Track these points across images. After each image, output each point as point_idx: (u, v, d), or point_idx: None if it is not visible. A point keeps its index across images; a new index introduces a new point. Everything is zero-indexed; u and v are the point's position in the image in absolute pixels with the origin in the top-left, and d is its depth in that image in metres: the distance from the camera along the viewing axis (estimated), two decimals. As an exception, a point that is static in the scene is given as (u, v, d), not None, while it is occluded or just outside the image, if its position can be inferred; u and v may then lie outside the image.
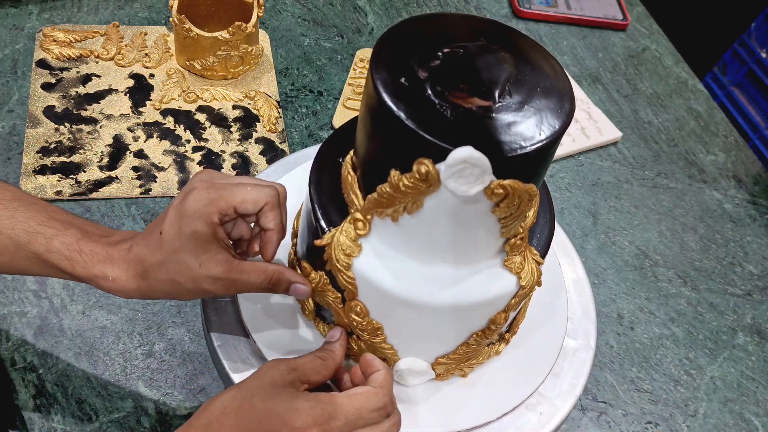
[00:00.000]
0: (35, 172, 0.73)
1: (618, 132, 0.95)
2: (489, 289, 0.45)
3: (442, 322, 0.46)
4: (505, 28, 0.45)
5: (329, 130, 0.86)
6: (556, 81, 0.43)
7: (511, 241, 0.45)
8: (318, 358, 0.45)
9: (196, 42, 0.82)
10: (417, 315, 0.45)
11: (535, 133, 0.39)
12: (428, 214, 0.41)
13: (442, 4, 1.09)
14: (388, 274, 0.44)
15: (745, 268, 0.85)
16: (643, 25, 1.16)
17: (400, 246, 0.44)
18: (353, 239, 0.44)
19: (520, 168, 0.40)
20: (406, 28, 0.44)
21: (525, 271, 0.46)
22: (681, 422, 0.69)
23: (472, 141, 0.38)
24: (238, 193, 0.47)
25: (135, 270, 0.46)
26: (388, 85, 0.40)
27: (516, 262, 0.45)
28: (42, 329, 0.63)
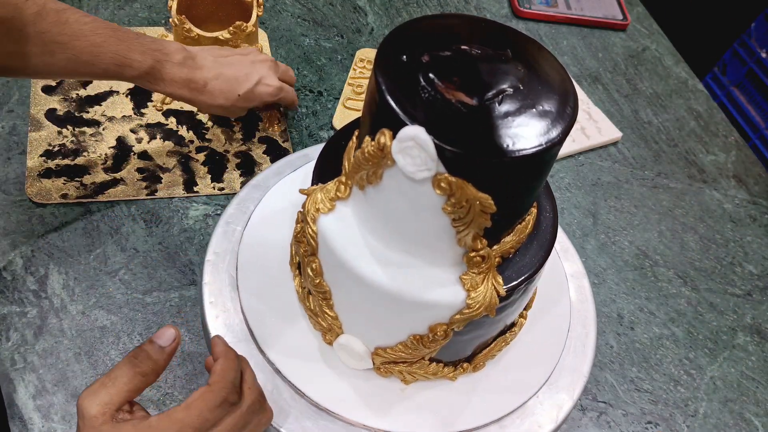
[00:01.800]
0: (40, 175, 0.73)
1: (618, 132, 0.96)
2: (431, 291, 0.44)
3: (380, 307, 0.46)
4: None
5: (329, 130, 0.86)
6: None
7: (470, 255, 0.44)
8: (138, 375, 0.42)
9: (197, 42, 0.82)
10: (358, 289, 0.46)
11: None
12: (386, 189, 0.42)
13: (442, 4, 1.09)
14: (344, 239, 0.45)
15: (745, 268, 0.85)
16: (643, 25, 1.16)
17: (365, 219, 0.45)
18: (330, 198, 0.46)
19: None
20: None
21: (477, 292, 0.44)
22: (681, 422, 0.69)
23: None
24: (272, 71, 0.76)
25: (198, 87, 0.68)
26: (388, 63, 0.41)
27: (472, 280, 0.44)
28: (42, 329, 0.63)
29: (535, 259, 0.47)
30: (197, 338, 0.65)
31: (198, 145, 0.79)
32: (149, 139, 0.79)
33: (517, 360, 0.55)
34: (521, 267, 0.47)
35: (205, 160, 0.78)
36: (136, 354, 0.42)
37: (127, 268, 0.69)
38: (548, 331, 0.57)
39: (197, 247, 0.71)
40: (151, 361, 0.42)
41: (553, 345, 0.56)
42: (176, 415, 0.40)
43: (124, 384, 0.41)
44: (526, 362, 0.55)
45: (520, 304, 0.50)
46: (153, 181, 0.75)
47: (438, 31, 0.44)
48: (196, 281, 0.69)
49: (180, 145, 0.79)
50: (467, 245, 0.43)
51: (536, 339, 0.56)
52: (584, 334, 0.58)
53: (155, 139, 0.79)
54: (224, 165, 0.78)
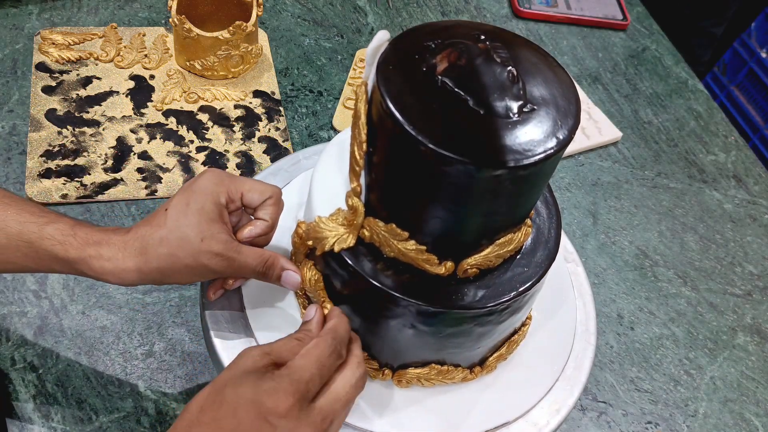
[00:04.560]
0: (40, 176, 0.73)
1: (618, 132, 0.96)
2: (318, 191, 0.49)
3: None
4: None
5: (329, 130, 0.86)
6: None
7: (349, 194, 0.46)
8: (294, 339, 0.45)
9: (197, 42, 0.82)
10: None
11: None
12: None
13: (442, 3, 1.09)
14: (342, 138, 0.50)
15: (745, 268, 0.85)
16: (643, 25, 1.16)
17: None
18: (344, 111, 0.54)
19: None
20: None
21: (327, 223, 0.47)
22: (681, 422, 0.69)
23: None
24: (246, 182, 0.49)
25: (133, 247, 0.46)
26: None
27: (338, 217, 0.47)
28: (42, 329, 0.63)
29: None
30: (197, 338, 0.65)
31: (198, 145, 0.79)
32: (149, 139, 0.79)
33: (525, 362, 0.55)
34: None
35: (205, 160, 0.78)
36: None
37: (127, 268, 0.69)
38: (554, 334, 0.57)
39: (197, 247, 0.71)
40: (304, 330, 0.46)
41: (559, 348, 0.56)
42: (296, 363, 0.42)
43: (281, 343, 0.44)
44: (534, 364, 0.55)
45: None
46: (153, 181, 0.75)
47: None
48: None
49: (180, 145, 0.79)
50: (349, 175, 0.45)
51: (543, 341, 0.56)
52: (584, 334, 0.58)
53: (155, 139, 0.79)
54: (224, 165, 0.78)
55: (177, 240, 0.46)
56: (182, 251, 0.46)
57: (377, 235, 0.45)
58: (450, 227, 0.43)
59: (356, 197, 0.45)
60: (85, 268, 0.47)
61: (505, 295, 0.46)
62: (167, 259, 0.46)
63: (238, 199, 0.49)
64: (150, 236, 0.46)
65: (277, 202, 0.50)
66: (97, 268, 0.46)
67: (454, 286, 0.46)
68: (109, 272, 0.47)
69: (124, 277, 0.47)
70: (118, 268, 0.46)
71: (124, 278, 0.47)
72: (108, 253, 0.46)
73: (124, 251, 0.46)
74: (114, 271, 0.46)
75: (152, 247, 0.46)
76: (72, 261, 0.47)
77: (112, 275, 0.47)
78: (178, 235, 0.46)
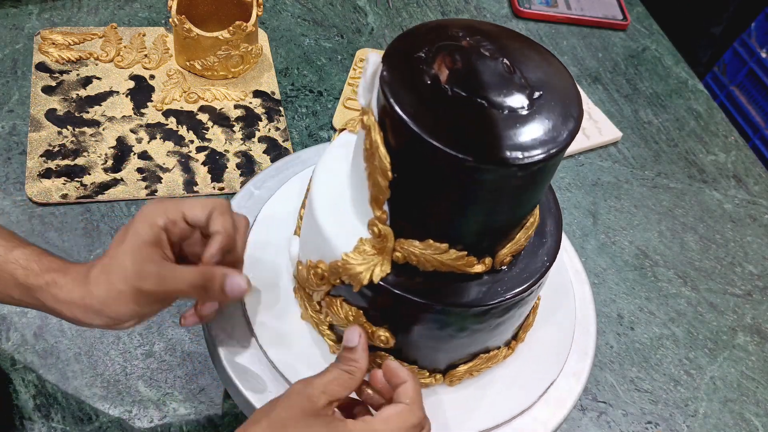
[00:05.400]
0: (40, 176, 0.73)
1: (618, 132, 0.96)
2: (331, 226, 0.46)
3: (307, 217, 0.49)
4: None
5: (329, 130, 0.86)
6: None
7: (373, 222, 0.44)
8: (344, 373, 0.44)
9: (197, 42, 0.82)
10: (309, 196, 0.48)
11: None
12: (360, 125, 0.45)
13: (442, 4, 1.09)
14: (333, 155, 0.49)
15: (745, 268, 0.85)
16: (643, 25, 1.16)
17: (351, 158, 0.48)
18: (348, 123, 0.51)
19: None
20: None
21: (356, 257, 0.45)
22: (681, 422, 0.69)
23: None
24: (187, 202, 0.47)
25: (82, 277, 0.45)
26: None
27: (364, 248, 0.45)
28: (42, 329, 0.63)
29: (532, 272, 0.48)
30: (197, 338, 0.65)
31: (198, 145, 0.79)
32: (149, 139, 0.79)
33: (522, 362, 0.55)
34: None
35: (205, 160, 0.78)
36: (338, 359, 0.45)
37: (127, 268, 0.68)
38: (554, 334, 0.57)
39: (197, 247, 0.71)
40: (352, 360, 0.44)
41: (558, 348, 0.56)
42: (374, 426, 0.42)
43: (333, 378, 0.43)
44: (531, 364, 0.55)
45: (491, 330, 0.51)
46: (153, 181, 0.75)
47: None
48: (196, 281, 0.68)
49: (180, 145, 0.79)
50: (374, 203, 0.44)
51: (542, 341, 0.56)
52: (584, 334, 0.58)
53: (155, 139, 0.79)
54: (224, 165, 0.78)
55: (113, 267, 0.45)
56: (116, 276, 0.44)
57: (414, 255, 0.44)
58: (488, 227, 0.44)
59: (383, 224, 0.44)
60: (41, 296, 0.46)
61: (537, 273, 0.48)
62: (105, 286, 0.45)
63: (180, 219, 0.47)
64: (95, 266, 0.45)
65: (223, 212, 0.47)
66: (51, 296, 0.45)
67: (489, 281, 0.46)
68: (61, 301, 0.45)
69: (74, 310, 0.45)
70: (67, 297, 0.45)
71: (74, 311, 0.46)
72: (62, 281, 0.45)
73: (74, 281, 0.45)
74: (65, 301, 0.45)
75: (94, 276, 0.45)
76: (30, 288, 0.46)
77: (64, 305, 0.45)
78: (115, 262, 0.45)
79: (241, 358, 0.51)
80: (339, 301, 0.48)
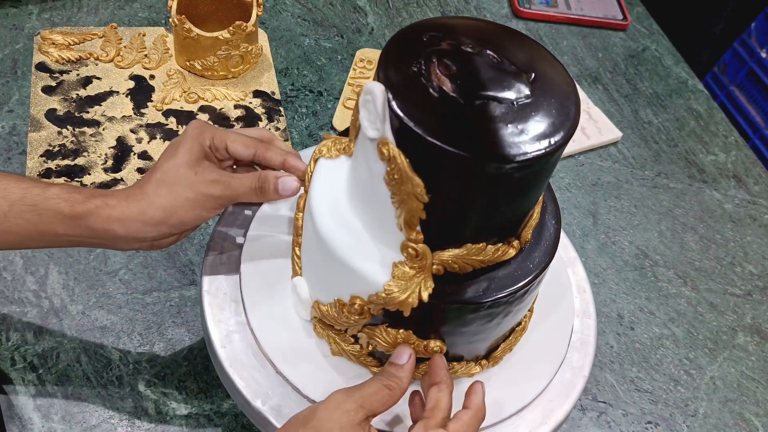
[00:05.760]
0: (40, 176, 0.73)
1: (618, 132, 0.96)
2: (361, 261, 0.45)
3: (322, 260, 0.47)
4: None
5: (329, 130, 0.86)
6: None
7: (404, 242, 0.43)
8: (385, 388, 0.44)
9: (197, 42, 0.82)
10: (315, 237, 0.47)
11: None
12: (357, 152, 0.45)
13: (442, 4, 1.09)
14: (324, 187, 0.48)
15: (745, 268, 0.85)
16: (643, 25, 1.16)
17: (346, 178, 0.47)
18: (338, 148, 0.48)
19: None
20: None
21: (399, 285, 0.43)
22: (681, 422, 0.69)
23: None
24: (232, 134, 0.51)
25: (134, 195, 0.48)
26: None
27: (402, 271, 0.44)
28: (42, 329, 0.63)
29: (533, 266, 0.48)
30: (197, 338, 0.65)
31: (198, 145, 0.79)
32: (149, 139, 0.79)
33: (522, 360, 0.55)
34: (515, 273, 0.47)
35: (205, 160, 0.78)
36: (381, 372, 0.46)
37: (127, 268, 0.69)
38: (551, 333, 0.57)
39: (197, 247, 0.71)
40: (395, 377, 0.45)
41: (557, 346, 0.56)
42: None
43: (372, 392, 0.44)
44: (531, 362, 0.55)
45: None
46: (153, 181, 0.75)
47: (441, 34, 0.43)
48: (196, 281, 0.69)
49: (180, 145, 0.79)
50: (402, 229, 0.43)
51: (540, 339, 0.56)
52: (584, 334, 0.58)
53: (155, 139, 0.79)
54: (224, 165, 0.78)
55: (173, 178, 0.48)
56: (180, 186, 0.48)
57: (455, 263, 0.44)
58: (515, 214, 0.45)
59: (419, 243, 0.43)
60: (90, 221, 0.48)
61: (553, 238, 0.50)
62: (168, 196, 0.48)
63: (223, 148, 0.51)
64: (147, 182, 0.49)
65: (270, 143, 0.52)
66: (104, 217, 0.47)
67: (518, 260, 0.48)
68: (115, 219, 0.48)
69: (130, 225, 0.48)
70: (123, 214, 0.48)
71: (129, 226, 0.48)
72: (113, 201, 0.48)
73: (127, 199, 0.48)
74: (120, 218, 0.48)
75: (151, 190, 0.48)
76: (78, 215, 0.47)
77: (119, 223, 0.48)
78: (173, 174, 0.48)
79: (241, 358, 0.51)
80: (382, 329, 0.48)
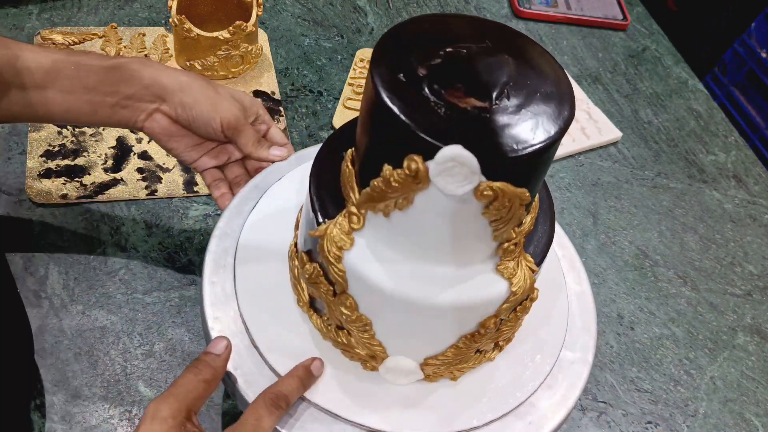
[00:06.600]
0: (40, 176, 0.73)
1: (618, 132, 0.96)
2: (479, 293, 0.45)
3: (430, 322, 0.46)
4: (509, 30, 0.45)
5: (329, 130, 0.86)
6: (558, 85, 0.43)
7: (504, 246, 0.44)
8: (202, 382, 0.44)
9: (197, 42, 0.82)
10: (406, 313, 0.45)
11: (530, 137, 0.39)
12: (419, 211, 0.41)
13: (442, 4, 1.09)
14: (379, 269, 0.44)
15: (745, 268, 0.85)
16: (643, 25, 1.16)
17: (392, 242, 0.44)
18: (347, 232, 0.44)
19: (515, 170, 0.40)
20: (408, 27, 0.44)
21: (517, 277, 0.45)
22: (681, 422, 0.69)
23: (466, 141, 0.38)
24: None
25: None
26: (386, 81, 0.39)
27: (509, 268, 0.45)
28: (42, 329, 0.63)
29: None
30: (197, 338, 0.65)
31: (198, 145, 0.79)
32: (149, 139, 0.79)
33: (510, 366, 0.55)
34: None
35: (205, 160, 0.78)
36: (195, 364, 0.45)
37: (127, 268, 0.69)
38: (545, 341, 0.57)
39: (197, 247, 0.71)
40: (210, 368, 0.45)
41: (548, 355, 0.56)
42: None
43: (189, 391, 0.44)
44: (519, 370, 0.55)
45: None
46: (153, 181, 0.75)
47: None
48: (196, 281, 0.69)
49: (180, 145, 0.79)
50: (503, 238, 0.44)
51: (531, 346, 0.56)
52: (584, 335, 0.58)
53: (155, 139, 0.79)
54: (224, 165, 0.78)
55: None
56: None
57: None
58: None
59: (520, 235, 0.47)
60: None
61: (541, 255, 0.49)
62: None
63: None
64: None
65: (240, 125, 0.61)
66: None
67: None
68: None
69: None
70: None
71: None
72: None
73: None
74: None
75: None
76: None
77: None
78: None
79: (241, 358, 0.51)
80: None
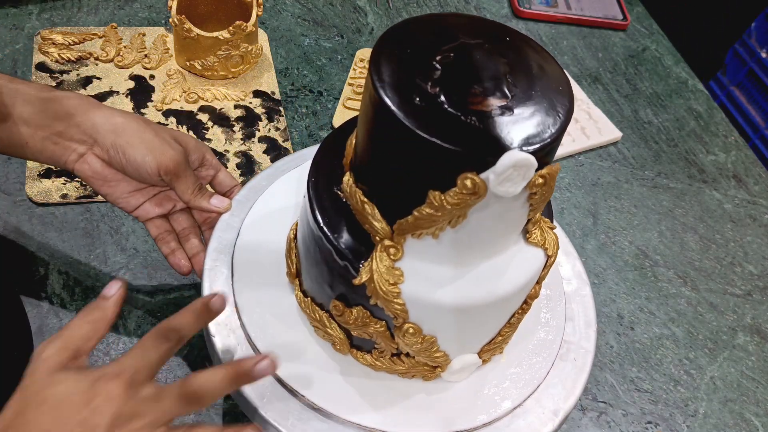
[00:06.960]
0: (40, 176, 0.73)
1: (618, 132, 0.96)
2: (527, 270, 0.47)
3: (491, 315, 0.48)
4: (508, 29, 0.45)
5: (329, 130, 0.86)
6: (556, 84, 0.43)
7: (531, 220, 0.46)
8: (87, 323, 0.44)
9: (197, 42, 0.82)
10: (470, 317, 0.46)
11: (531, 135, 0.40)
12: (473, 222, 0.42)
13: (442, 4, 1.09)
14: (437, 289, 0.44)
15: (745, 268, 0.85)
16: (643, 25, 1.16)
17: (440, 258, 0.44)
18: (391, 267, 0.43)
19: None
20: (408, 27, 0.44)
21: (548, 242, 0.48)
22: (681, 422, 0.69)
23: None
24: None
25: None
26: (406, 109, 0.39)
27: (537, 236, 0.47)
28: (42, 329, 0.63)
29: None
30: (197, 338, 0.65)
31: (198, 145, 0.79)
32: (149, 139, 0.79)
33: (516, 358, 0.55)
34: None
35: (205, 160, 0.78)
36: (85, 307, 0.46)
37: (127, 268, 0.69)
38: (547, 329, 0.57)
39: (197, 247, 0.71)
40: (99, 310, 0.45)
41: (551, 343, 0.56)
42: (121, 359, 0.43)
43: (73, 331, 0.44)
44: (525, 360, 0.55)
45: None
46: (153, 181, 0.75)
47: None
48: (196, 281, 0.69)
49: (180, 145, 0.79)
50: (533, 215, 0.46)
51: (536, 337, 0.56)
52: (584, 334, 0.58)
53: (155, 139, 0.79)
54: (224, 165, 0.78)
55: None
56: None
57: None
58: None
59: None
60: None
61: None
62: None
63: None
64: None
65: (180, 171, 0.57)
66: None
67: None
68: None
69: None
70: None
71: None
72: None
73: None
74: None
75: None
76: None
77: None
78: None
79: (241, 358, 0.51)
80: None
